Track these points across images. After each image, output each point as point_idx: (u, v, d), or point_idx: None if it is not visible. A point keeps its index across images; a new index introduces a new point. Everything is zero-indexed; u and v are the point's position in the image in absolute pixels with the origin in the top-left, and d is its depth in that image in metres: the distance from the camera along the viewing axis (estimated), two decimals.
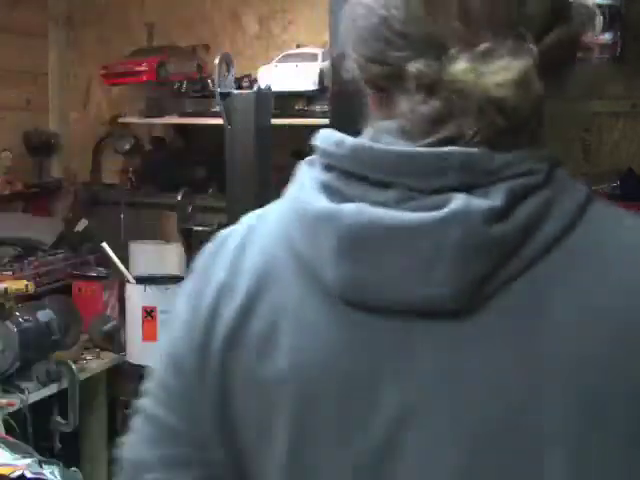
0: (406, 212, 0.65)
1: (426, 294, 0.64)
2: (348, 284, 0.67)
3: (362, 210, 0.65)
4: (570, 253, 0.65)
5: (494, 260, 0.64)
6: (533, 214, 0.64)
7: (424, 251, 0.64)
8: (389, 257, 0.65)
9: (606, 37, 2.44)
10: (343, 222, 0.66)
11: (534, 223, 0.64)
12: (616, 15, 2.47)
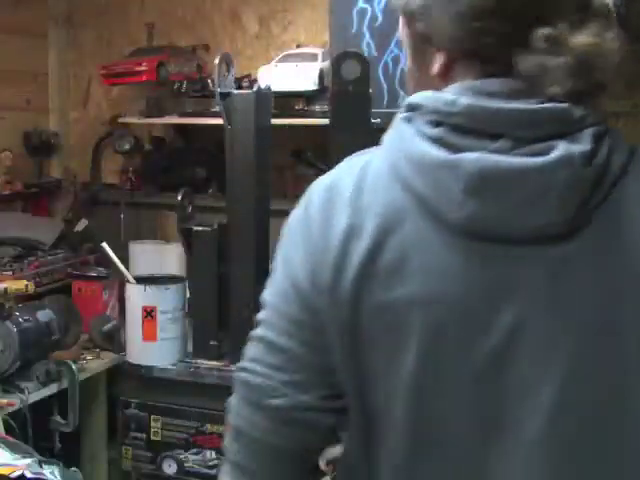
0: (517, 157, 0.80)
1: (538, 223, 0.80)
2: (473, 219, 0.80)
3: (483, 157, 0.80)
4: (635, 179, 0.82)
5: (587, 192, 0.80)
6: (607, 152, 0.81)
7: (537, 188, 0.79)
8: (507, 195, 0.80)
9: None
10: (467, 168, 0.80)
11: (608, 159, 0.81)
12: (616, 15, 2.47)
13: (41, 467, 1.62)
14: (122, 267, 2.59)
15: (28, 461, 1.63)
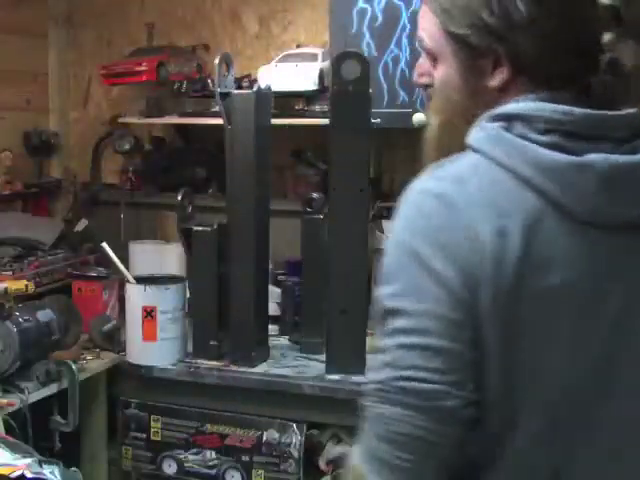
0: (625, 155, 0.94)
1: None
2: (600, 212, 0.93)
3: (609, 157, 0.93)
4: None
5: None
6: None
7: None
8: (630, 187, 0.94)
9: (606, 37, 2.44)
10: (598, 168, 0.93)
11: None
12: (616, 15, 2.47)
13: (41, 467, 1.63)
14: (122, 267, 2.59)
15: (28, 461, 1.63)
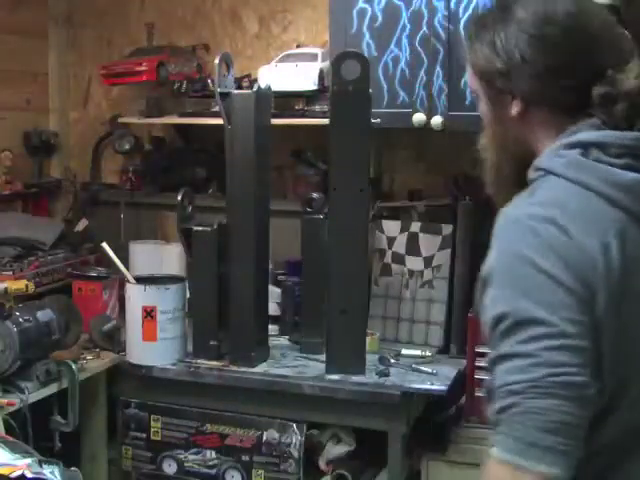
0: None
1: None
2: None
3: None
4: None
5: None
6: None
7: None
8: None
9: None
10: None
11: None
12: (616, 15, 2.47)
13: (41, 467, 1.63)
14: (122, 267, 2.60)
15: (28, 461, 1.63)
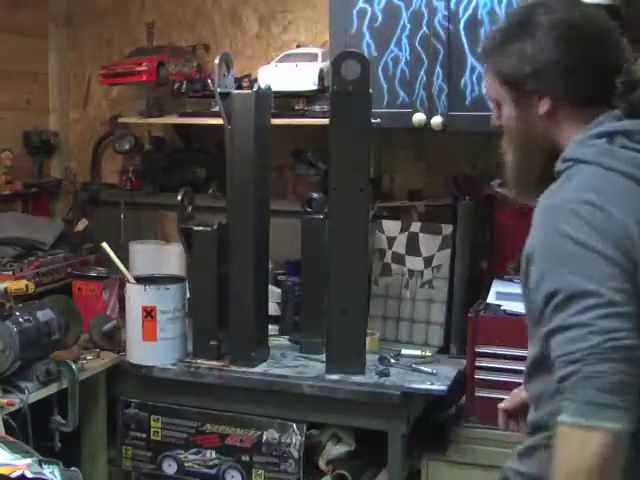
0: None
1: None
2: None
3: None
4: None
5: None
6: None
7: None
8: None
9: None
10: None
11: None
12: (616, 15, 2.47)
13: (41, 467, 1.62)
14: (122, 267, 2.60)
15: (28, 461, 1.63)
